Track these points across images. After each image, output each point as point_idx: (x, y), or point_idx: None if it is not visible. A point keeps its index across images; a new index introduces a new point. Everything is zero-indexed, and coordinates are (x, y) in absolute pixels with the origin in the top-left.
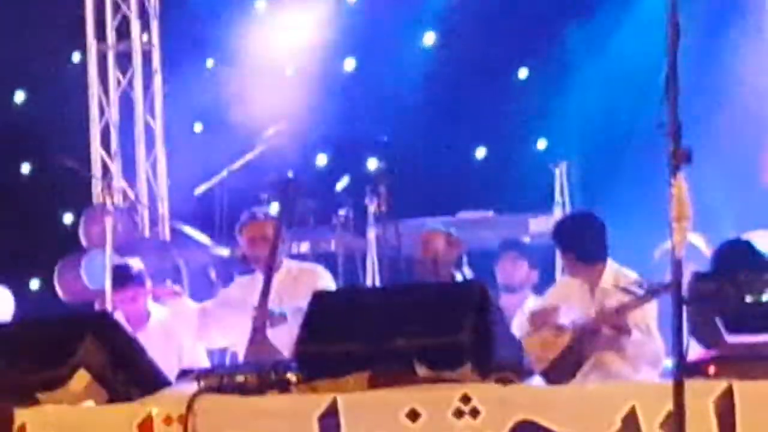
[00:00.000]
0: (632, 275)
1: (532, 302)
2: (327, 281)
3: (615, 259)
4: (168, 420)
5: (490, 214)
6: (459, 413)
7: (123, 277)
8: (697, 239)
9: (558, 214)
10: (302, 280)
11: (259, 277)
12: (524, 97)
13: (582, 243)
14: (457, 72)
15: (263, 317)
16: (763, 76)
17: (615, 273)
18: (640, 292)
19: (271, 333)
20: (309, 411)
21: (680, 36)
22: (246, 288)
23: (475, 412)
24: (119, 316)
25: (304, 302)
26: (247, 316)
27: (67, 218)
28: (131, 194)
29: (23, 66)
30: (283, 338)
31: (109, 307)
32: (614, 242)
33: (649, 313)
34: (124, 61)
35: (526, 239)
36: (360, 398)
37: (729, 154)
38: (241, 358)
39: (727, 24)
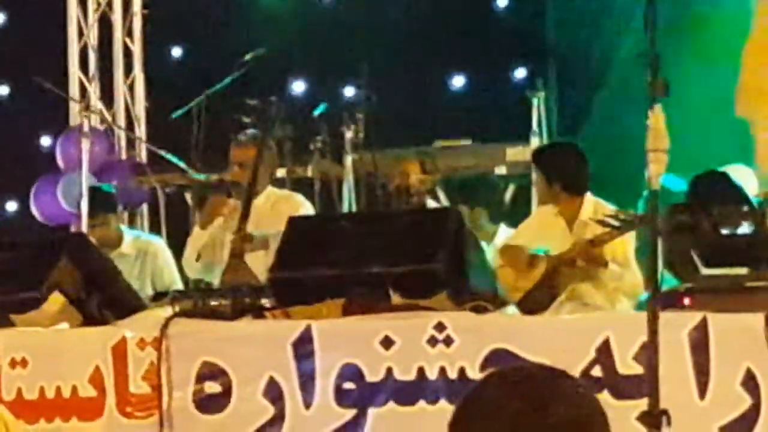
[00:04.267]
0: (611, 208)
1: (504, 232)
2: (307, 209)
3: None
4: (142, 343)
5: (468, 142)
6: (433, 341)
7: (96, 202)
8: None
9: (535, 143)
10: (281, 207)
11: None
12: (504, 26)
13: (569, 173)
14: None
15: (241, 242)
16: (738, 7)
17: (594, 205)
18: (616, 223)
19: (249, 258)
20: (283, 337)
21: None
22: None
23: (449, 340)
24: (93, 240)
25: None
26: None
27: (45, 141)
28: (108, 117)
29: None
30: (262, 264)
31: (84, 229)
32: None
33: (627, 245)
34: None
35: (503, 169)
36: (334, 325)
37: (703, 87)
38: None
39: None
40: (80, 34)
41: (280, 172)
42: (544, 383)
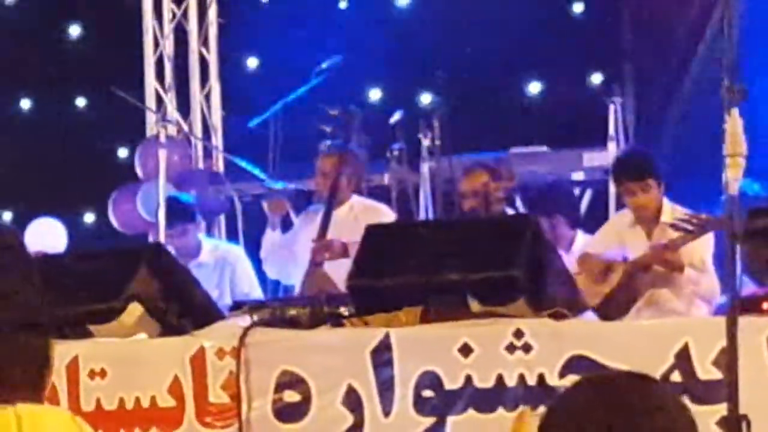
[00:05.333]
0: (687, 212)
1: (582, 239)
2: (390, 220)
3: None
4: (221, 353)
5: (544, 149)
6: (512, 348)
7: (175, 211)
8: None
9: (612, 149)
10: (364, 217)
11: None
12: (579, 32)
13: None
14: (511, 6)
15: (321, 250)
16: None
17: (671, 212)
18: (691, 227)
19: (330, 266)
20: (362, 345)
21: None
22: (310, 221)
23: (527, 347)
24: (171, 249)
25: None
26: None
27: (122, 152)
28: (185, 127)
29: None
30: (343, 272)
31: (162, 239)
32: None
33: (705, 249)
34: None
35: (580, 175)
36: (412, 332)
37: None
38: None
39: None
40: (156, 44)
41: None
42: (636, 391)
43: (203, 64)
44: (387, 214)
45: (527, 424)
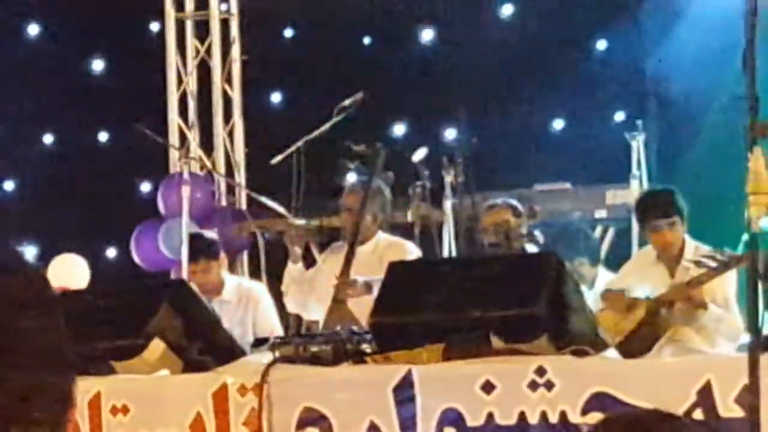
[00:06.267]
0: (709, 250)
1: (604, 276)
2: (414, 257)
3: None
4: (243, 390)
5: (567, 186)
6: (534, 385)
7: (198, 248)
8: None
9: (635, 186)
10: (389, 254)
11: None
12: (602, 69)
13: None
14: (534, 43)
15: (344, 287)
16: None
17: (695, 249)
18: (713, 264)
19: (353, 303)
20: (384, 382)
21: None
22: (334, 256)
23: (549, 384)
24: (194, 286)
25: None
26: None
27: (144, 187)
28: (208, 163)
29: (102, 34)
30: (367, 309)
31: (185, 276)
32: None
33: (728, 287)
34: (202, 29)
35: (603, 212)
36: (435, 370)
37: None
38: (320, 327)
39: None
40: (179, 80)
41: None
42: (662, 429)
43: (226, 100)
44: (412, 251)
45: None
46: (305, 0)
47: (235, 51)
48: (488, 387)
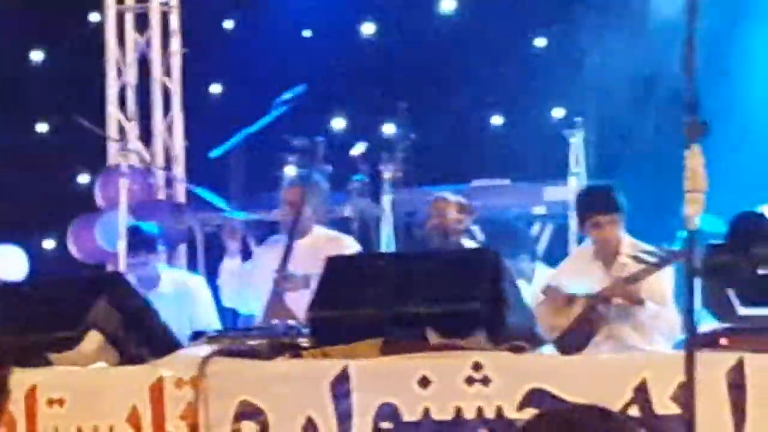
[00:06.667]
0: (647, 247)
1: (542, 273)
2: (352, 252)
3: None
4: (179, 383)
5: (506, 182)
6: (470, 380)
7: (136, 241)
8: None
9: (573, 183)
10: (327, 248)
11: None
12: (541, 66)
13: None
14: (474, 39)
15: (282, 281)
16: None
17: (631, 246)
18: (651, 260)
19: (291, 297)
20: (320, 376)
21: (698, 9)
22: (271, 251)
23: (486, 380)
24: (131, 279)
25: None
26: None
27: (82, 179)
28: (147, 156)
29: (41, 25)
30: (304, 303)
31: (122, 268)
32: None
33: (665, 284)
34: (142, 22)
35: (541, 208)
36: (371, 364)
37: (743, 129)
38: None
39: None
40: (119, 73)
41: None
42: (596, 425)
43: (166, 93)
44: (350, 246)
45: None
46: None
47: (175, 44)
48: (425, 382)
